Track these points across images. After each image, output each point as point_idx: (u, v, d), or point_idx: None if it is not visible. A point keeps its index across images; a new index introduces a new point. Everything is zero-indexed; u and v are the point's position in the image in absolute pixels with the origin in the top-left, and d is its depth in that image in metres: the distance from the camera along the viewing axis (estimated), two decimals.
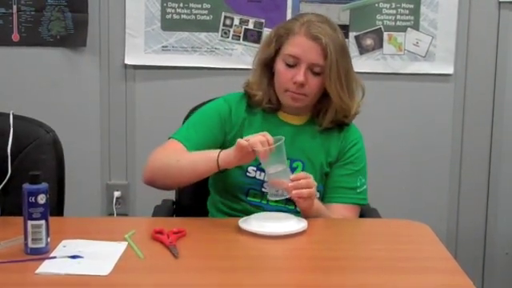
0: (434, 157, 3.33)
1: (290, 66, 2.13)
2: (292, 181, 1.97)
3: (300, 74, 2.10)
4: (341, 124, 2.22)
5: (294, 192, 1.98)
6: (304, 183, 1.98)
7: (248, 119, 2.21)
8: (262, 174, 2.16)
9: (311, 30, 2.11)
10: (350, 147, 2.21)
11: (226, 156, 2.02)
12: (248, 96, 2.23)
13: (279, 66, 2.15)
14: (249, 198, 2.19)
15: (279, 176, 1.97)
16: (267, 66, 2.21)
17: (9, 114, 2.27)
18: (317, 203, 2.09)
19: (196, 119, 2.23)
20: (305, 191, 1.98)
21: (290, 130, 2.17)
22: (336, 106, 2.16)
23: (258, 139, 1.95)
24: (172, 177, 2.10)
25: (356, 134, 2.25)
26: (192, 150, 2.13)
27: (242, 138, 2.15)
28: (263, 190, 2.17)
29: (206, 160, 2.06)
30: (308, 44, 2.11)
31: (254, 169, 2.17)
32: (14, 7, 3.13)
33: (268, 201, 2.16)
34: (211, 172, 2.07)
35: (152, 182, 2.15)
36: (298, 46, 2.12)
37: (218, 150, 2.05)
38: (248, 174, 2.17)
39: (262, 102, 2.20)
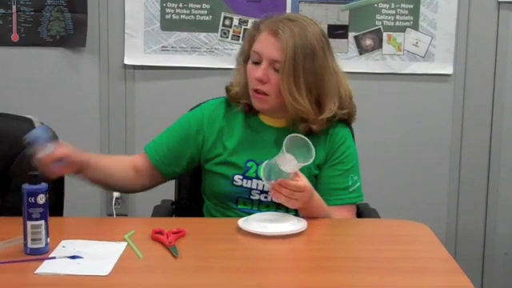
0: (433, 157, 3.33)
1: (255, 63, 2.10)
2: (279, 184, 1.93)
3: (259, 70, 2.08)
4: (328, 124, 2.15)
5: (271, 192, 1.98)
6: (284, 192, 1.94)
7: (227, 126, 2.18)
8: (249, 181, 2.14)
9: (273, 27, 2.08)
10: (338, 147, 2.16)
11: None
12: (228, 92, 2.21)
13: (248, 64, 2.14)
14: (239, 206, 2.17)
15: (275, 171, 1.93)
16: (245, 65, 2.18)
17: (8, 116, 2.28)
18: (317, 204, 2.06)
19: (171, 127, 2.25)
20: (282, 198, 1.96)
21: (273, 133, 2.14)
22: (288, 105, 2.08)
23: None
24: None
25: (342, 132, 2.18)
26: (154, 157, 2.19)
27: (222, 146, 2.16)
28: (252, 197, 2.16)
29: None
30: (268, 40, 2.08)
31: (240, 177, 2.15)
32: (14, 7, 3.13)
33: (258, 207, 2.16)
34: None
35: None
36: (260, 42, 2.10)
37: None
38: (235, 182, 2.15)
39: (239, 98, 2.17)
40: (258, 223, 1.93)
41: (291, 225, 1.94)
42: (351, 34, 3.20)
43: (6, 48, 3.17)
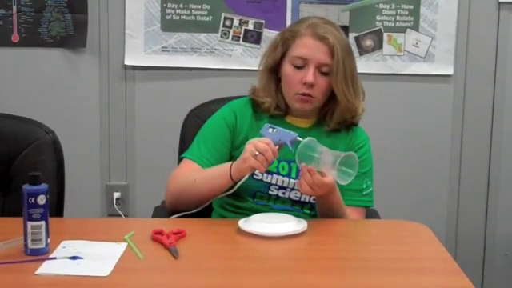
0: (433, 157, 3.33)
1: (297, 67, 2.14)
2: (307, 169, 1.96)
3: (309, 75, 2.12)
4: (348, 125, 2.23)
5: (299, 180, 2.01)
6: (308, 179, 1.97)
7: (255, 125, 2.21)
8: (269, 176, 2.16)
9: (317, 31, 2.13)
10: (357, 149, 2.20)
11: (238, 167, 2.03)
12: (255, 103, 2.23)
13: (287, 69, 2.16)
14: (256, 200, 2.19)
15: (311, 163, 1.97)
16: (273, 72, 2.22)
17: (8, 116, 2.28)
18: (337, 199, 2.08)
19: (204, 134, 2.23)
20: (304, 186, 1.98)
21: (298, 133, 2.16)
22: (342, 106, 2.17)
23: (250, 153, 1.96)
24: (192, 197, 2.11)
25: (363, 136, 2.26)
26: (206, 166, 2.15)
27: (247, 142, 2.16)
28: (270, 192, 2.18)
29: (220, 174, 2.07)
30: (315, 44, 2.13)
31: None
32: (14, 8, 3.13)
33: (275, 202, 2.18)
34: (228, 185, 2.07)
35: (175, 206, 2.16)
36: (306, 46, 2.13)
37: (230, 163, 2.06)
38: (255, 176, 2.15)
39: (270, 109, 2.21)
40: (259, 224, 1.93)
41: (291, 225, 1.94)
42: (351, 35, 3.20)
43: (6, 48, 3.17)
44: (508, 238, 3.38)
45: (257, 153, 1.96)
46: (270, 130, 2.04)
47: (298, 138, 2.01)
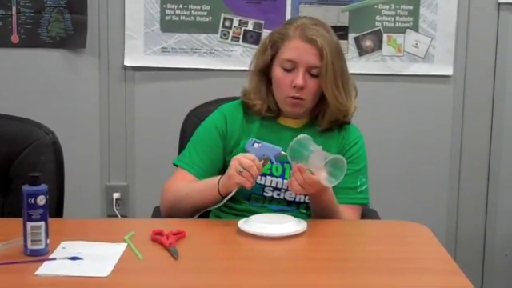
0: (433, 158, 3.33)
1: (287, 70, 2.13)
2: (297, 167, 1.96)
3: (299, 78, 2.11)
4: (341, 123, 2.23)
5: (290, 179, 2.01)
6: (298, 178, 1.96)
7: (246, 128, 2.21)
8: (263, 178, 2.16)
9: (306, 33, 2.12)
10: (350, 147, 2.21)
11: (224, 183, 2.04)
12: (246, 106, 2.23)
13: (277, 71, 2.16)
14: (251, 202, 2.19)
15: (302, 162, 1.97)
16: (264, 74, 2.21)
17: (8, 117, 2.28)
18: (330, 198, 2.08)
19: (196, 141, 2.23)
20: (294, 185, 1.98)
21: (290, 134, 2.16)
22: (332, 107, 2.16)
23: (235, 169, 1.97)
24: (185, 209, 2.12)
25: (356, 134, 2.25)
26: (199, 175, 2.16)
27: (240, 147, 2.16)
28: (265, 194, 2.18)
29: (209, 189, 2.08)
30: (304, 47, 2.12)
31: None
32: (13, 8, 3.13)
33: (270, 203, 2.18)
34: (217, 199, 2.08)
35: (170, 216, 2.16)
36: (294, 49, 2.12)
37: (219, 177, 2.07)
38: None
39: (261, 111, 2.20)
40: (258, 224, 1.93)
41: (291, 226, 1.94)
42: (351, 35, 3.20)
43: (5, 49, 3.17)
44: (508, 238, 3.38)
45: (241, 169, 1.96)
46: (255, 145, 2.04)
47: (282, 152, 2.01)
